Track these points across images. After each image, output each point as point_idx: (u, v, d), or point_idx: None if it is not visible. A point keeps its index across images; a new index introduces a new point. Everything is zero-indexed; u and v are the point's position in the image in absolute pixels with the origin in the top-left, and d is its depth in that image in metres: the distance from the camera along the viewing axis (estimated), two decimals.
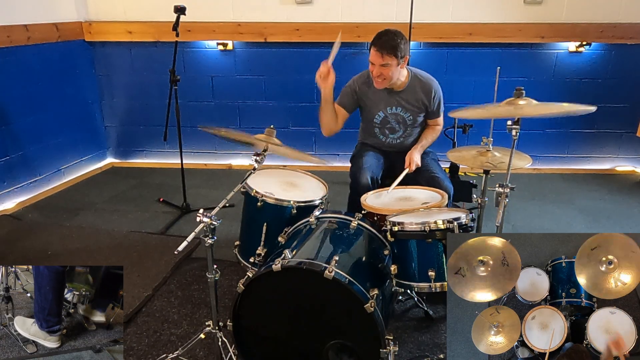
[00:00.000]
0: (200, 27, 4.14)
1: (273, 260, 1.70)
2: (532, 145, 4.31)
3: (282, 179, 2.43)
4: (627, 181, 4.20)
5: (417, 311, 2.43)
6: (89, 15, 4.30)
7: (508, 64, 4.08)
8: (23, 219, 3.49)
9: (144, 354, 2.14)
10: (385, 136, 2.76)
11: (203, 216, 1.71)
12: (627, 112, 4.19)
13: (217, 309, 1.92)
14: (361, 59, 4.14)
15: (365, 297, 1.64)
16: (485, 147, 2.30)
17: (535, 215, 3.53)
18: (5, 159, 3.64)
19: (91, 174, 4.48)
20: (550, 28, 3.95)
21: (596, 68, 4.10)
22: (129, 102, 4.57)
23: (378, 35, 2.49)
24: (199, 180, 4.27)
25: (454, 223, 1.79)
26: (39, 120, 3.91)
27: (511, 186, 1.92)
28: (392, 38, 2.44)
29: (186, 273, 2.78)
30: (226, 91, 4.43)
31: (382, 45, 2.44)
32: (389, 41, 2.44)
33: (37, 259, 2.88)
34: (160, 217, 3.53)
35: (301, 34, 4.11)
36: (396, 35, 2.46)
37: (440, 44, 4.06)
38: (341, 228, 2.02)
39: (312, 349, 1.77)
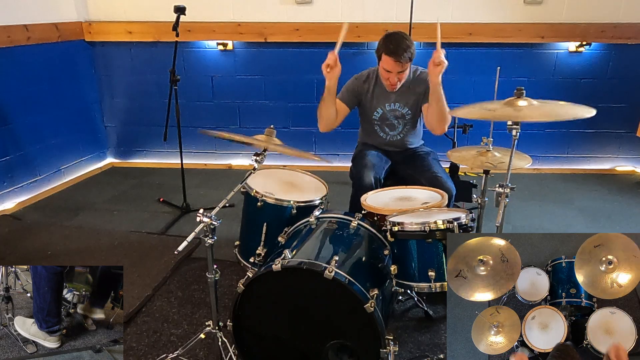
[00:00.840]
0: (200, 27, 4.14)
1: (273, 260, 1.70)
2: (532, 145, 4.32)
3: (282, 179, 2.44)
4: (627, 181, 4.20)
5: (417, 311, 2.43)
6: (89, 15, 4.30)
7: (508, 64, 4.08)
8: (23, 219, 3.49)
9: (144, 354, 2.14)
10: (385, 133, 2.77)
11: (203, 216, 1.72)
12: (627, 112, 4.19)
13: (217, 309, 1.92)
14: (361, 59, 4.14)
15: (365, 297, 1.64)
16: (485, 147, 2.30)
17: (535, 215, 3.53)
18: (5, 159, 3.64)
19: (91, 174, 4.48)
20: (550, 28, 3.95)
21: (596, 68, 4.10)
22: (129, 102, 4.57)
23: (389, 42, 2.47)
24: (198, 180, 4.27)
25: (454, 223, 1.79)
26: (39, 120, 3.91)
27: (511, 186, 1.92)
28: (405, 44, 2.44)
29: (186, 273, 2.78)
30: (226, 91, 4.43)
31: (399, 53, 2.44)
32: (405, 48, 2.44)
33: (37, 259, 2.88)
34: (160, 217, 3.53)
35: (301, 34, 4.11)
36: (406, 38, 2.48)
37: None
38: (341, 228, 2.02)
39: (312, 349, 1.77)
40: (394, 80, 2.56)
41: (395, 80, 2.55)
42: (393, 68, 2.49)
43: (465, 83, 4.17)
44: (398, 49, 2.43)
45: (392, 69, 2.50)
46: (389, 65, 2.49)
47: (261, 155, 1.91)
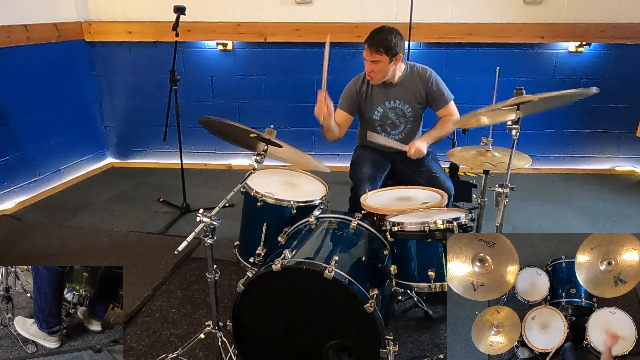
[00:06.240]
0: (200, 27, 4.14)
1: (273, 260, 1.70)
2: (532, 145, 4.32)
3: (282, 179, 2.44)
4: (627, 181, 4.20)
5: (417, 311, 2.43)
6: (89, 15, 4.30)
7: (508, 64, 4.08)
8: (23, 219, 3.49)
9: (144, 354, 2.14)
10: (387, 133, 2.76)
11: (203, 216, 1.71)
12: (627, 112, 4.19)
13: (217, 309, 1.92)
14: (360, 59, 4.10)
15: (365, 297, 1.64)
16: (485, 147, 2.30)
17: (535, 215, 3.53)
18: (5, 159, 3.64)
19: (91, 174, 4.48)
20: (550, 28, 3.95)
21: (596, 68, 4.10)
22: (129, 102, 4.57)
23: (372, 32, 2.51)
24: (198, 180, 4.27)
25: (454, 223, 1.79)
26: (39, 120, 3.91)
27: (511, 186, 1.92)
28: (384, 37, 2.46)
29: (186, 273, 2.78)
30: (226, 91, 4.43)
31: (372, 42, 2.48)
32: (381, 39, 2.46)
33: (37, 259, 2.88)
34: (160, 217, 3.53)
35: (301, 34, 4.11)
36: (389, 32, 2.47)
37: (440, 44, 4.06)
38: (341, 228, 2.02)
39: (312, 349, 1.77)
40: (368, 68, 2.57)
41: (369, 68, 2.56)
42: (367, 55, 2.53)
43: (465, 83, 4.16)
44: (374, 38, 2.48)
45: (366, 57, 2.54)
46: (365, 52, 2.54)
47: (261, 155, 1.91)
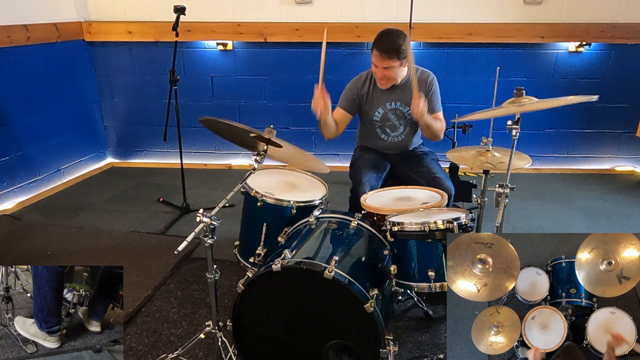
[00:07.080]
0: (200, 27, 4.14)
1: (273, 260, 1.70)
2: (532, 145, 4.32)
3: (282, 179, 2.44)
4: (627, 181, 4.20)
5: (417, 311, 2.43)
6: (89, 15, 4.30)
7: (508, 64, 4.08)
8: (23, 219, 3.49)
9: (144, 354, 2.14)
10: (386, 135, 2.76)
11: (203, 216, 1.71)
12: (627, 112, 4.19)
13: (217, 309, 1.92)
14: (360, 59, 4.14)
15: (365, 297, 1.63)
16: (485, 147, 2.30)
17: (535, 215, 3.53)
18: (5, 159, 3.64)
19: (91, 174, 4.48)
20: (550, 28, 3.95)
21: (596, 68, 4.10)
22: (129, 102, 4.57)
23: (379, 36, 2.48)
24: (198, 180, 4.27)
25: (454, 223, 1.79)
26: (39, 120, 3.91)
27: (511, 186, 1.92)
28: (393, 40, 2.44)
29: (186, 273, 2.78)
30: (226, 91, 4.43)
31: (384, 48, 2.44)
32: (391, 43, 2.43)
33: (37, 259, 2.88)
34: (160, 217, 3.53)
35: (301, 34, 4.11)
36: (398, 36, 2.46)
37: (440, 44, 4.06)
38: (341, 228, 2.02)
39: (312, 349, 1.77)
40: (380, 74, 2.55)
41: (381, 74, 2.54)
42: (378, 62, 2.50)
43: (465, 83, 4.17)
44: (384, 43, 2.45)
45: (377, 63, 2.51)
46: (375, 58, 2.51)
47: (261, 155, 1.91)
